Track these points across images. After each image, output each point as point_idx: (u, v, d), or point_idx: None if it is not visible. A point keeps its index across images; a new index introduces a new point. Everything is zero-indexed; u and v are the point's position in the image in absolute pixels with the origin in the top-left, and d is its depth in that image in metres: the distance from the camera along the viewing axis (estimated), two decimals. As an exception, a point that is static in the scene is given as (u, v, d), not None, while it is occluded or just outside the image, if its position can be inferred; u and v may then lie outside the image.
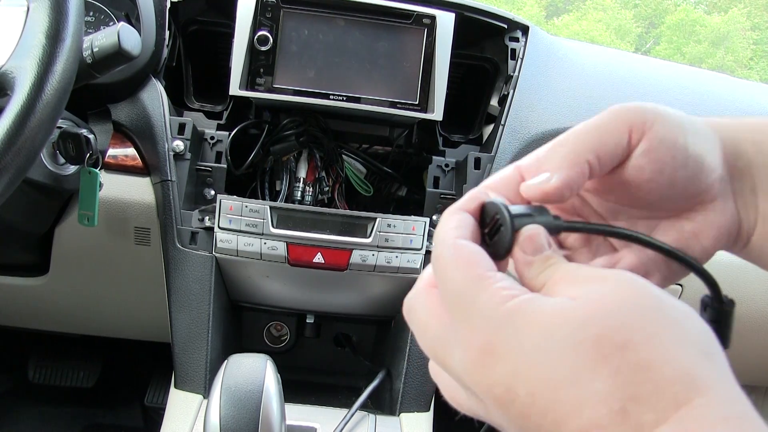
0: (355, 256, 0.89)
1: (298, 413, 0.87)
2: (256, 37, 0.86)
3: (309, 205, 0.92)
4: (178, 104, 0.99)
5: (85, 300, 1.10)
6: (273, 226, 0.88)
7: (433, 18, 0.88)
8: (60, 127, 0.81)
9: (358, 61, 0.88)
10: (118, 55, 0.72)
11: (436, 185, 0.94)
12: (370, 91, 0.88)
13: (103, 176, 0.87)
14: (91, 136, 0.82)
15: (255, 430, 0.61)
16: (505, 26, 1.00)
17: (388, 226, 0.89)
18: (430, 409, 0.93)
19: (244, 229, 0.88)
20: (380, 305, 0.99)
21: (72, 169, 0.85)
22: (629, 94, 1.02)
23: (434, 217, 0.93)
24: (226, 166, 0.92)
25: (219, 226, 0.88)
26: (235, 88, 0.87)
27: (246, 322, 1.09)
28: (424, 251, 0.90)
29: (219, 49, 1.00)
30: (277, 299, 1.00)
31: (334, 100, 0.88)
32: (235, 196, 0.89)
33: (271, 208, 0.88)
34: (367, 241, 0.89)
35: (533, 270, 0.30)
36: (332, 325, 1.09)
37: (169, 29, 0.94)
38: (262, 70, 0.87)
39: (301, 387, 0.98)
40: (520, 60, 0.98)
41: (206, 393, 0.88)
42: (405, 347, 0.92)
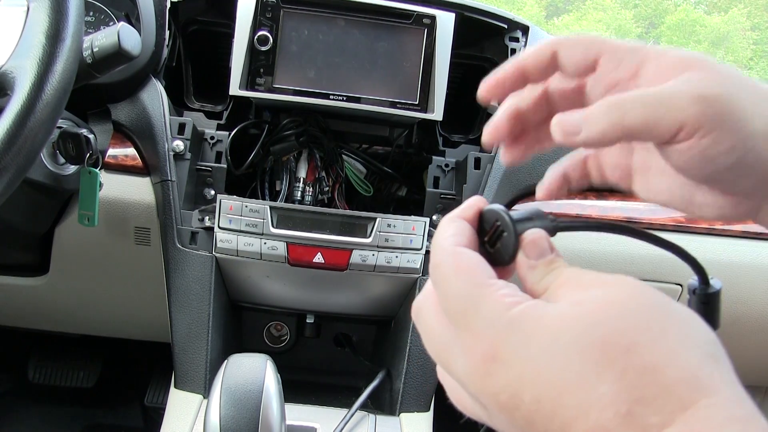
0: (355, 256, 0.89)
1: (298, 413, 0.87)
2: (256, 37, 0.86)
3: (309, 205, 0.92)
4: (178, 104, 0.99)
5: (85, 300, 1.10)
6: (273, 226, 0.88)
7: (433, 18, 0.88)
8: (60, 127, 0.81)
9: (358, 61, 0.88)
10: (118, 55, 0.72)
11: (436, 185, 0.94)
12: (370, 91, 0.88)
13: (103, 176, 0.87)
14: (91, 136, 0.82)
15: (255, 430, 0.61)
16: (505, 26, 1.00)
17: (388, 226, 0.89)
18: (430, 409, 0.93)
19: (244, 229, 0.88)
20: (380, 305, 0.99)
21: (72, 169, 0.85)
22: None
23: (434, 217, 0.93)
24: (226, 166, 0.92)
25: (219, 226, 0.88)
26: (235, 88, 0.87)
27: (246, 322, 1.09)
28: (424, 251, 0.90)
29: (219, 49, 1.00)
30: (277, 299, 1.00)
31: (334, 100, 0.88)
32: (235, 196, 0.89)
33: (271, 208, 0.88)
34: (367, 241, 0.89)
35: (536, 274, 0.30)
36: (332, 325, 1.09)
37: (169, 29, 0.94)
38: (262, 70, 0.87)
39: (301, 387, 0.98)
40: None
41: (206, 393, 0.88)
42: (405, 347, 0.92)
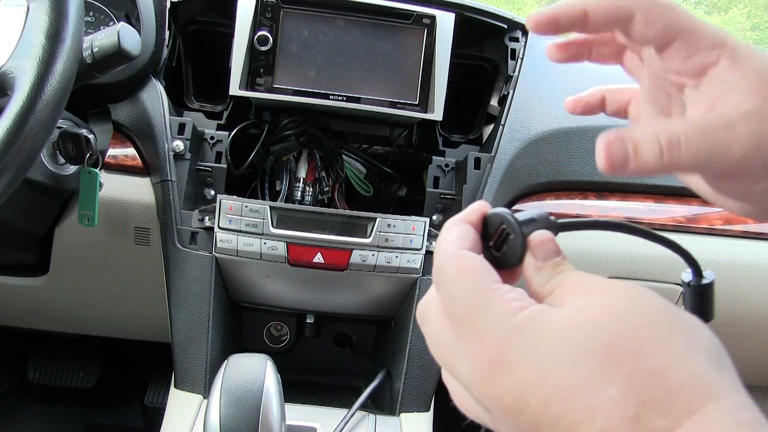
0: (355, 256, 0.89)
1: (298, 413, 0.87)
2: (256, 37, 0.86)
3: (309, 205, 0.92)
4: (178, 104, 0.98)
5: (85, 300, 1.10)
6: (273, 226, 0.88)
7: (433, 18, 0.88)
8: (60, 127, 0.81)
9: (358, 61, 0.88)
10: (118, 55, 0.72)
11: (436, 185, 0.94)
12: (370, 91, 0.88)
13: (103, 176, 0.87)
14: (91, 136, 0.82)
15: (255, 430, 0.61)
16: (505, 26, 1.00)
17: (388, 226, 0.89)
18: (430, 409, 0.93)
19: (244, 229, 0.88)
20: (380, 305, 0.99)
21: (72, 169, 0.85)
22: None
23: (434, 217, 0.93)
24: (226, 166, 0.92)
25: (219, 226, 0.88)
26: (235, 88, 0.87)
27: (246, 322, 1.09)
28: (424, 251, 0.90)
29: (219, 49, 1.00)
30: (277, 299, 1.00)
31: (334, 100, 0.88)
32: (235, 196, 0.89)
33: (271, 208, 0.88)
34: (367, 241, 0.89)
35: (543, 276, 0.30)
36: (332, 325, 1.09)
37: (169, 29, 0.94)
38: (262, 70, 0.87)
39: (301, 387, 0.98)
40: (520, 60, 0.98)
41: (206, 393, 0.88)
42: (405, 347, 0.92)
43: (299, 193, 0.94)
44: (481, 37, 1.02)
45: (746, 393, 0.25)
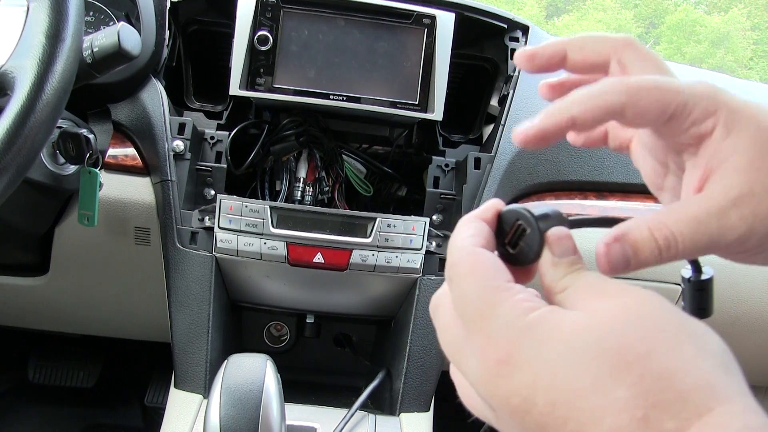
0: (355, 256, 0.89)
1: (298, 413, 0.87)
2: (256, 37, 0.86)
3: (309, 205, 0.92)
4: (178, 104, 0.99)
5: (85, 300, 1.10)
6: (273, 226, 0.88)
7: (433, 18, 0.88)
8: (60, 127, 0.81)
9: (358, 61, 0.88)
10: (118, 55, 0.72)
11: (436, 185, 0.94)
12: (370, 91, 0.88)
13: (103, 176, 0.87)
14: (91, 136, 0.82)
15: (255, 430, 0.61)
16: (505, 26, 1.00)
17: (388, 226, 0.89)
18: (430, 409, 0.93)
19: (244, 229, 0.88)
20: (380, 305, 0.99)
21: (72, 169, 0.85)
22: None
23: (434, 217, 0.93)
24: (226, 166, 0.92)
25: (219, 226, 0.88)
26: (235, 88, 0.87)
27: (246, 322, 1.09)
28: (424, 251, 0.90)
29: (219, 49, 1.00)
30: (277, 299, 1.00)
31: (334, 100, 0.88)
32: (235, 196, 0.89)
33: (271, 208, 0.88)
34: (367, 241, 0.89)
35: (558, 272, 0.30)
36: (332, 325, 1.09)
37: (169, 29, 0.94)
38: (262, 70, 0.87)
39: (301, 387, 0.98)
40: (520, 60, 0.98)
41: (206, 393, 0.88)
42: (405, 347, 0.92)
43: (299, 193, 0.94)
44: (481, 37, 1.02)
45: (754, 398, 0.25)
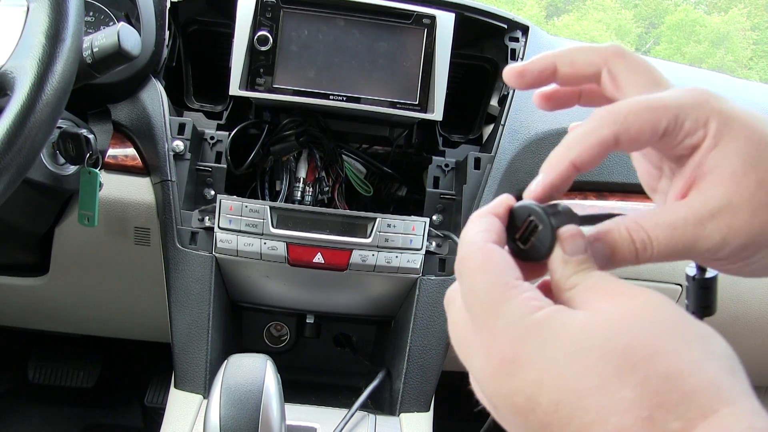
0: (355, 256, 0.89)
1: (298, 413, 0.87)
2: (256, 37, 0.86)
3: (309, 205, 0.92)
4: (178, 104, 0.99)
5: (85, 300, 1.10)
6: (273, 226, 0.88)
7: (433, 18, 0.88)
8: (60, 127, 0.81)
9: (358, 61, 0.88)
10: (118, 55, 0.72)
11: (436, 185, 0.94)
12: (370, 91, 0.88)
13: (103, 176, 0.87)
14: (91, 136, 0.82)
15: (255, 430, 0.61)
16: (505, 26, 1.00)
17: (388, 226, 0.89)
18: (430, 409, 0.93)
19: (244, 229, 0.88)
20: (380, 305, 0.99)
21: (72, 169, 0.85)
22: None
23: (434, 217, 0.93)
24: (226, 166, 0.92)
25: (219, 226, 0.88)
26: (235, 88, 0.87)
27: (246, 322, 1.09)
28: (424, 251, 0.90)
29: (219, 49, 1.00)
30: (277, 299, 1.00)
31: (334, 100, 0.88)
32: (235, 196, 0.89)
33: (271, 208, 0.88)
34: (367, 241, 0.89)
35: (568, 269, 0.30)
36: (332, 325, 1.09)
37: (169, 29, 0.94)
38: (262, 70, 0.87)
39: (301, 387, 0.98)
40: (520, 60, 0.98)
41: (206, 393, 0.88)
42: (405, 347, 0.92)
43: (299, 193, 0.94)
44: (481, 37, 1.02)
45: (758, 401, 0.26)
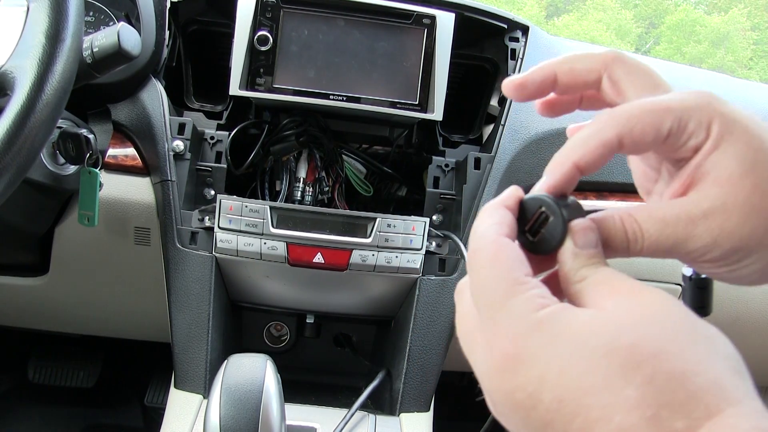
0: (355, 256, 0.89)
1: (298, 413, 0.87)
2: (256, 37, 0.86)
3: (309, 205, 0.92)
4: (178, 104, 0.99)
5: (85, 300, 1.10)
6: (273, 226, 0.88)
7: (433, 18, 0.88)
8: (60, 127, 0.81)
9: (358, 61, 0.88)
10: (118, 55, 0.72)
11: (436, 185, 0.94)
12: (370, 91, 0.88)
13: (103, 176, 0.87)
14: (91, 136, 0.82)
15: (255, 430, 0.61)
16: (505, 26, 1.00)
17: (388, 226, 0.89)
18: (430, 409, 0.93)
19: (244, 229, 0.88)
20: (380, 305, 0.99)
21: (72, 169, 0.85)
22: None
23: (434, 217, 0.93)
24: (226, 166, 0.92)
25: (219, 226, 0.88)
26: (235, 88, 0.87)
27: (246, 322, 1.09)
28: (424, 251, 0.90)
29: (219, 49, 1.00)
30: (277, 299, 1.00)
31: (334, 100, 0.88)
32: (235, 196, 0.89)
33: (271, 208, 0.88)
34: (367, 241, 0.89)
35: (578, 262, 0.30)
36: (332, 325, 1.09)
37: (169, 29, 0.94)
38: (262, 70, 0.87)
39: (301, 387, 0.98)
40: (520, 60, 0.98)
41: (206, 393, 0.88)
42: (405, 347, 0.92)
43: (299, 193, 0.94)
44: (481, 37, 1.02)
45: (762, 402, 0.26)
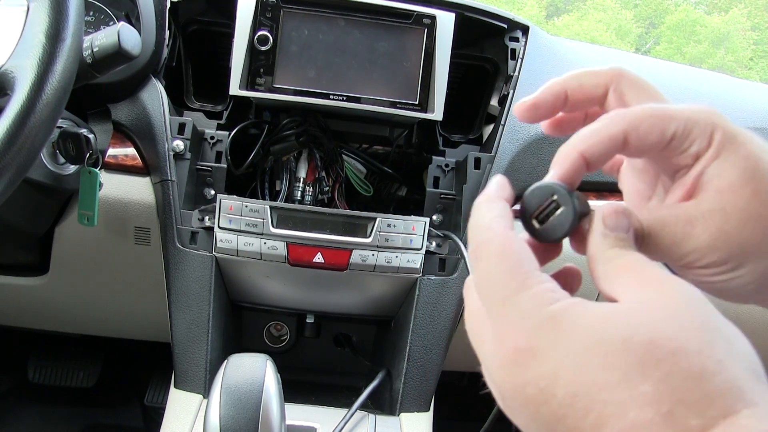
0: (355, 256, 0.89)
1: (298, 413, 0.87)
2: (256, 37, 0.86)
3: (309, 205, 0.92)
4: (178, 104, 0.99)
5: (85, 300, 1.10)
6: (273, 226, 0.88)
7: (433, 18, 0.88)
8: (60, 127, 0.81)
9: (358, 61, 0.88)
10: (118, 55, 0.72)
11: (436, 185, 0.94)
12: (370, 91, 0.88)
13: (103, 176, 0.87)
14: (91, 136, 0.82)
15: (255, 430, 0.61)
16: (505, 26, 1.00)
17: (388, 226, 0.89)
18: (430, 409, 0.93)
19: (244, 228, 0.88)
20: (380, 305, 0.99)
21: (72, 168, 0.85)
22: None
23: (434, 217, 0.93)
24: (226, 166, 0.92)
25: (219, 226, 0.88)
26: (235, 88, 0.87)
27: (246, 322, 1.09)
28: (424, 251, 0.90)
29: (219, 49, 1.00)
30: (277, 299, 1.00)
31: (334, 100, 0.88)
32: (235, 196, 0.89)
33: (271, 208, 0.88)
34: (367, 241, 0.89)
35: (606, 242, 0.30)
36: (332, 325, 1.09)
37: (169, 29, 0.94)
38: (262, 70, 0.87)
39: (301, 387, 0.98)
40: (520, 60, 0.98)
41: (206, 393, 0.88)
42: (405, 347, 0.92)
43: (299, 193, 0.94)
44: (481, 37, 1.02)
45: None
